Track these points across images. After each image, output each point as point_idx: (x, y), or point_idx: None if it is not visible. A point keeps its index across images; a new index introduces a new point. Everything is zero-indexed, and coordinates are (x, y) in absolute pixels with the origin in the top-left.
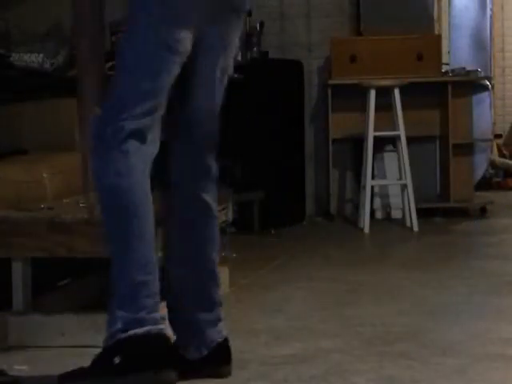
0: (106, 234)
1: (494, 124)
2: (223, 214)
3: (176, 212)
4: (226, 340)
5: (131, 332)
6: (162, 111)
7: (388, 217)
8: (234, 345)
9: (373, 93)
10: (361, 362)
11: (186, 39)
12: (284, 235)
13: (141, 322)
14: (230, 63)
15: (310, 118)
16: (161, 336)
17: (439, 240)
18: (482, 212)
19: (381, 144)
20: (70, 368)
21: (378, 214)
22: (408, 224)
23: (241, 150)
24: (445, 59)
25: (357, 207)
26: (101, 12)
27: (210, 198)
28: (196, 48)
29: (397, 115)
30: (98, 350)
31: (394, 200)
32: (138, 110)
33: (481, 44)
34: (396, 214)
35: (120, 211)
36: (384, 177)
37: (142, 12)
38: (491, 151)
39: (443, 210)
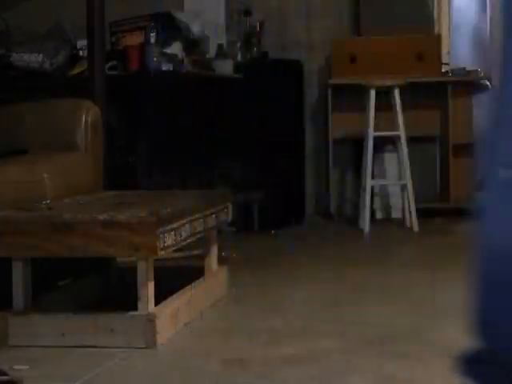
0: None
1: None
2: (223, 214)
3: None
4: None
5: None
6: None
7: (388, 217)
8: (234, 345)
9: (373, 93)
10: (361, 362)
11: None
12: (284, 235)
13: None
14: None
15: (310, 118)
16: None
17: (439, 240)
18: None
19: (381, 144)
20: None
21: (378, 214)
22: (408, 224)
23: (241, 150)
24: (445, 59)
25: (357, 207)
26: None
27: None
28: None
29: (397, 115)
30: (98, 350)
31: (394, 200)
32: None
33: (481, 44)
34: (396, 213)
35: None
36: (384, 177)
37: None
38: None
39: (443, 211)
